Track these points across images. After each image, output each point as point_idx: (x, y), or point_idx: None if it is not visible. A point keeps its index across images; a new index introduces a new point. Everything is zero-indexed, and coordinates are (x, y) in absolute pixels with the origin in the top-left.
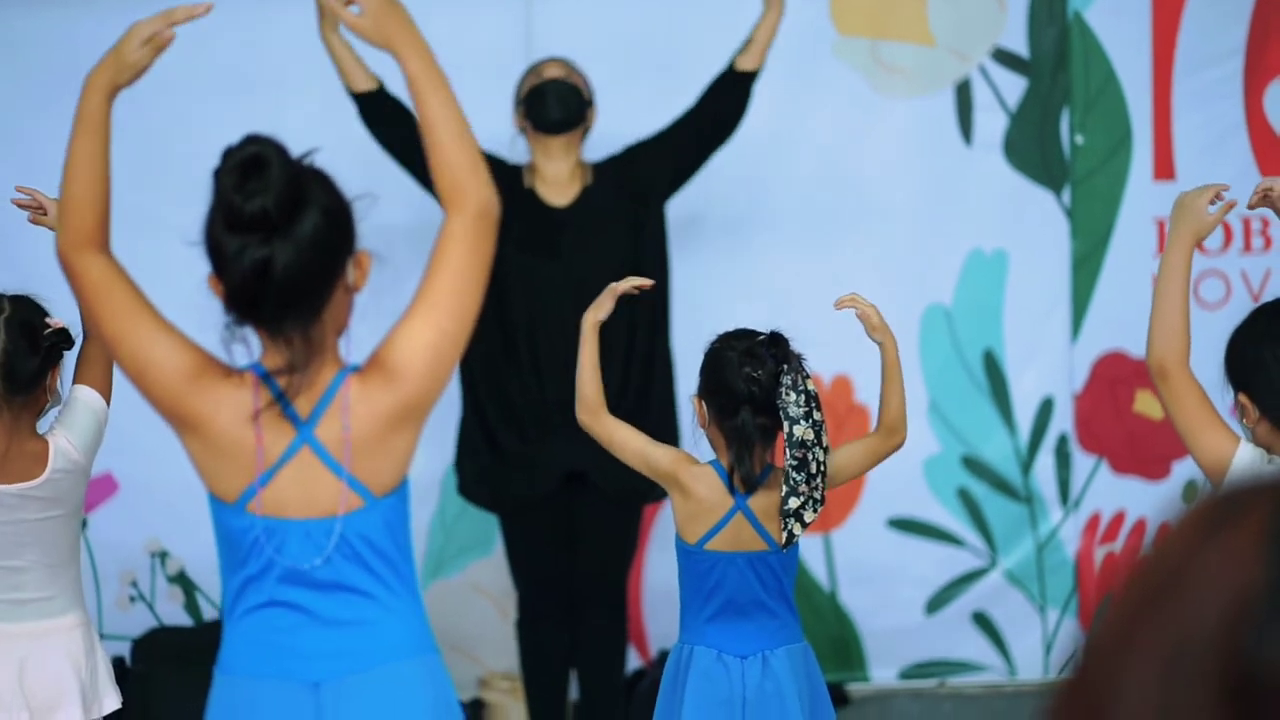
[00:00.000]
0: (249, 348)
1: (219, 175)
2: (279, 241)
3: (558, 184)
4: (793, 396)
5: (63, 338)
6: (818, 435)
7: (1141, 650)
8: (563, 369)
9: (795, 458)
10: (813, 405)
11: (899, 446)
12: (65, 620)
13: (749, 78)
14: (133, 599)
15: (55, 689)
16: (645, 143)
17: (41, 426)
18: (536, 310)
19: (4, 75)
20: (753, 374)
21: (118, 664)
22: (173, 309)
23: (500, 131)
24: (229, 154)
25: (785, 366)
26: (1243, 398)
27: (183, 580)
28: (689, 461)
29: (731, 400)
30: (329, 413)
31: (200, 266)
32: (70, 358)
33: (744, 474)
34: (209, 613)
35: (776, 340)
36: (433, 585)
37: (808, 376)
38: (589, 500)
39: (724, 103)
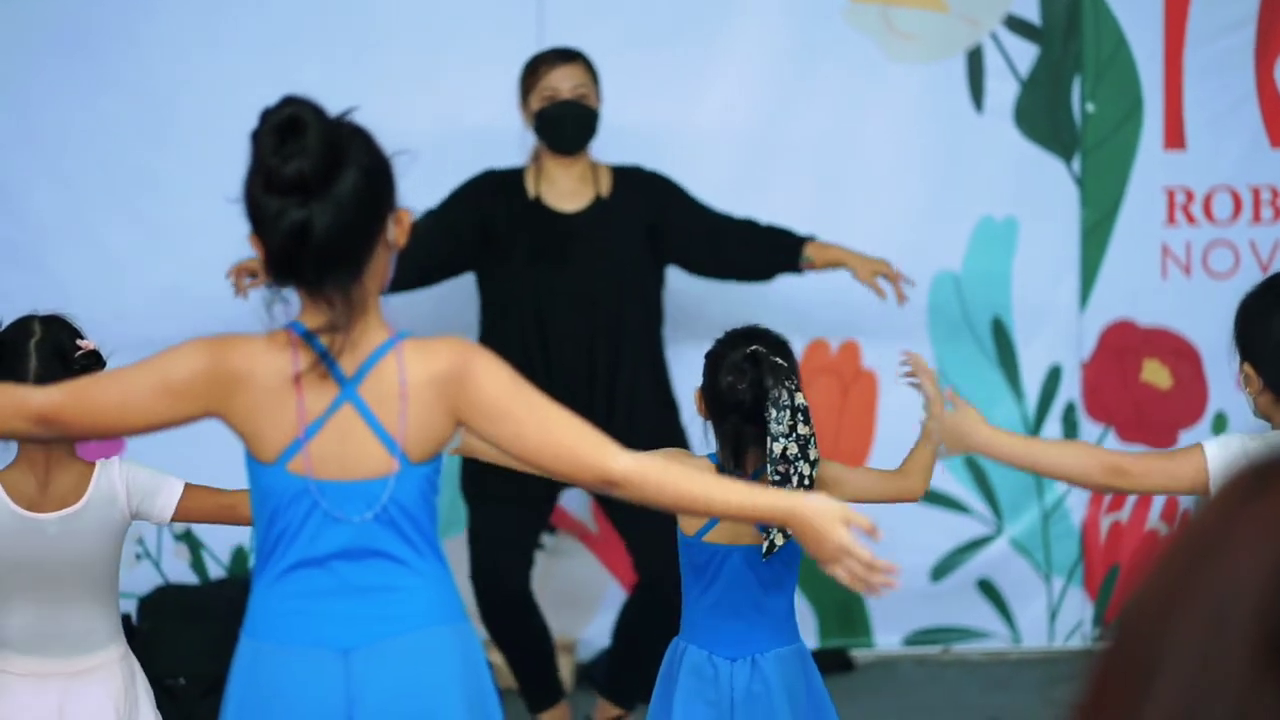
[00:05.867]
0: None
1: (257, 137)
2: (317, 203)
3: (567, 190)
4: (774, 413)
5: (94, 360)
6: (803, 450)
7: (1183, 614)
8: (572, 378)
9: (778, 473)
10: (798, 419)
11: (912, 497)
12: (105, 655)
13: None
14: (139, 557)
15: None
16: (682, 210)
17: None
18: (546, 320)
19: (4, 30)
20: (737, 386)
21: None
22: (179, 265)
23: (509, 119)
24: (267, 115)
25: (770, 381)
26: (1247, 367)
27: (189, 538)
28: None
29: (722, 406)
30: (375, 372)
31: (206, 220)
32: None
33: (735, 476)
34: (215, 570)
35: (756, 360)
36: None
37: (795, 390)
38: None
39: (750, 263)
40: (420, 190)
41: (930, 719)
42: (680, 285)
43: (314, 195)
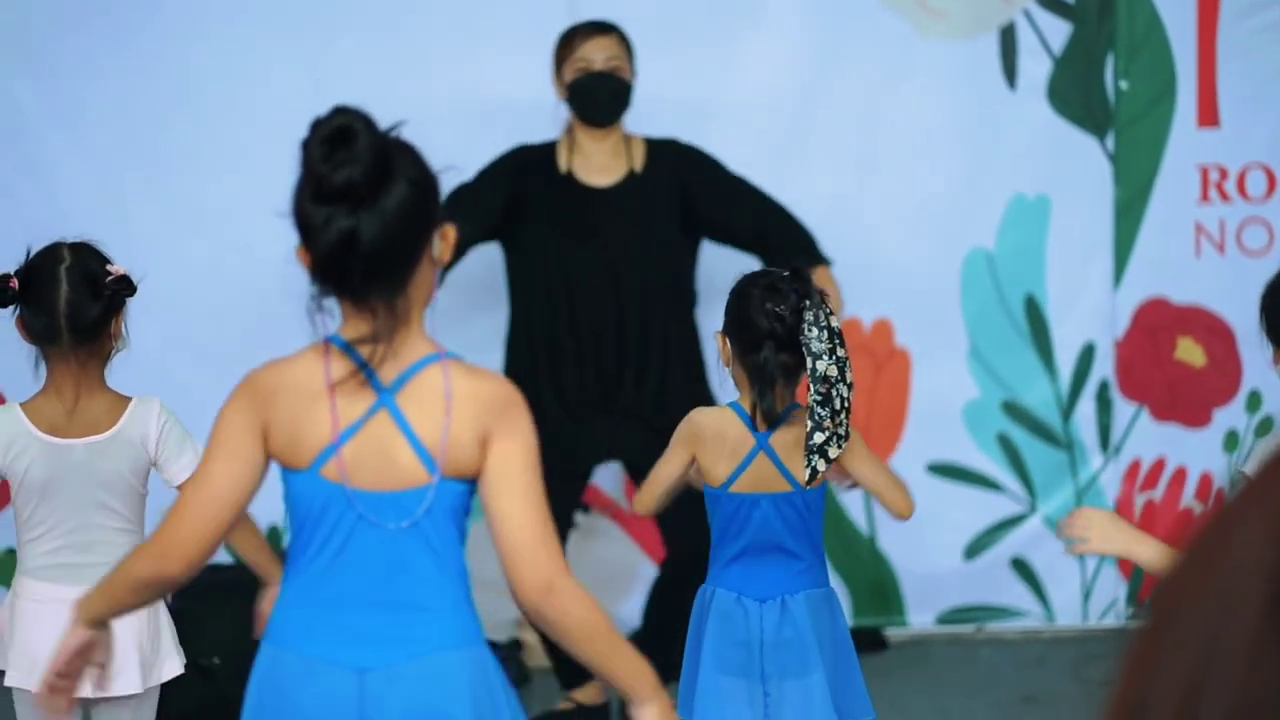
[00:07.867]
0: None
1: (306, 146)
2: (365, 213)
3: (599, 164)
4: (815, 332)
5: (124, 285)
6: (841, 371)
7: (1198, 587)
8: (602, 347)
9: (819, 393)
10: (836, 341)
11: (900, 511)
12: None
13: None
14: None
15: (114, 659)
16: (715, 181)
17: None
18: (575, 294)
19: (31, 5)
20: (775, 309)
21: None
22: (206, 241)
23: (543, 96)
24: (317, 125)
25: (807, 302)
26: None
27: None
28: (696, 421)
29: (754, 336)
30: (415, 383)
31: (233, 197)
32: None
33: (765, 410)
34: None
35: (798, 275)
36: (470, 527)
37: (831, 313)
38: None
39: (780, 244)
40: (448, 169)
41: (964, 698)
42: (717, 265)
43: (362, 204)
